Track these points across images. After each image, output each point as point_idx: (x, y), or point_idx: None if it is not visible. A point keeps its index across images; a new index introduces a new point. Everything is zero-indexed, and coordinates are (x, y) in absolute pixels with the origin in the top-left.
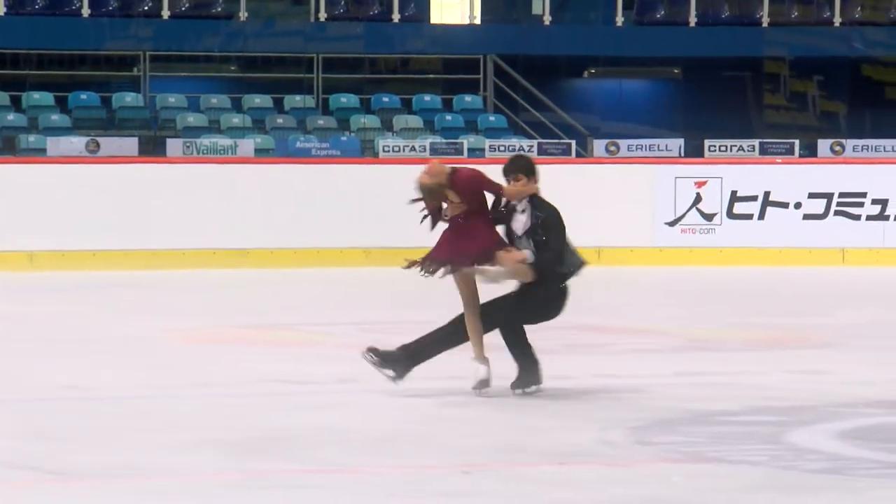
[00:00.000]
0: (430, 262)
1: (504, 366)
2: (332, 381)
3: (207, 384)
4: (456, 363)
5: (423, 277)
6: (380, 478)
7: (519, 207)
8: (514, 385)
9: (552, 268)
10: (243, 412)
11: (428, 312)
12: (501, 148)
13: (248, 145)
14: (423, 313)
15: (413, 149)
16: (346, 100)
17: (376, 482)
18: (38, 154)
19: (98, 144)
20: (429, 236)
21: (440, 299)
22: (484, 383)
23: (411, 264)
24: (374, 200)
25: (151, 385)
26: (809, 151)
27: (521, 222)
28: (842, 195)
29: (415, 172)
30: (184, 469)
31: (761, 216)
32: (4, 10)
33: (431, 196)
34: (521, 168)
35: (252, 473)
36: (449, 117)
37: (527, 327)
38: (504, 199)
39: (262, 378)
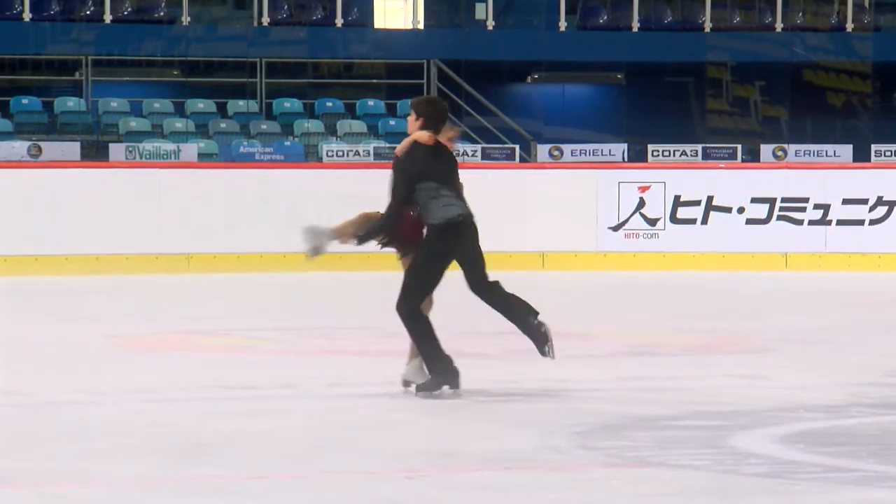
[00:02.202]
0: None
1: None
2: (271, 387)
3: (145, 390)
4: (392, 367)
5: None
6: (314, 484)
7: None
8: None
9: (385, 226)
10: (180, 418)
11: (372, 317)
12: None
13: (191, 150)
14: (368, 318)
15: (357, 153)
16: (290, 104)
17: (310, 488)
18: None
19: (40, 149)
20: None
21: (386, 304)
22: (406, 384)
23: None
24: (317, 205)
25: (87, 391)
26: (752, 156)
27: None
28: (784, 200)
29: (358, 177)
30: (120, 475)
31: (704, 221)
32: None
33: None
34: (414, 105)
35: (189, 479)
36: (393, 122)
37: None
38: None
39: (201, 384)
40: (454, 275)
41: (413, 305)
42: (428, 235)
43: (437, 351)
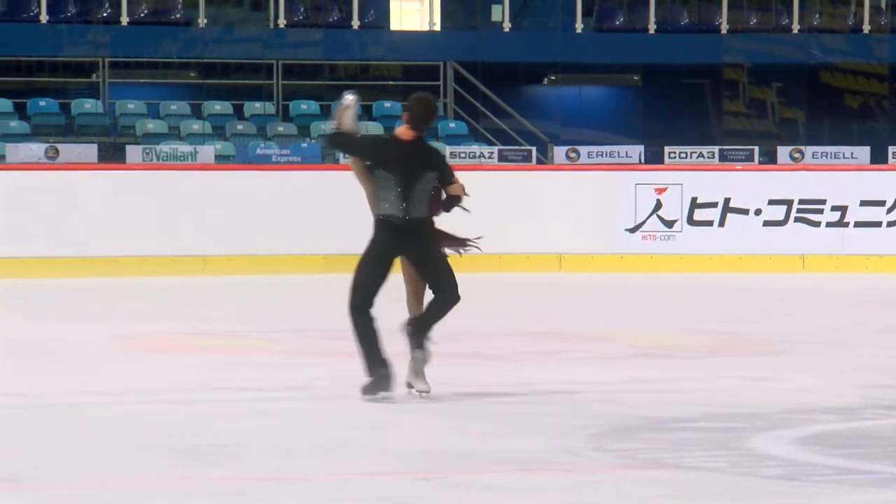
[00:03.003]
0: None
1: (440, 372)
2: (281, 389)
3: (156, 391)
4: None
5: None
6: (325, 485)
7: None
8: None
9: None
10: (191, 419)
11: (384, 320)
12: (462, 155)
13: (207, 152)
14: (380, 321)
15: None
16: (306, 106)
17: (323, 490)
18: None
19: (57, 151)
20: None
21: (399, 306)
22: (409, 385)
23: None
24: (334, 207)
25: (99, 392)
26: (769, 158)
27: None
28: (801, 202)
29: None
30: (124, 476)
31: (721, 223)
32: None
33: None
34: (407, 108)
35: (196, 481)
36: None
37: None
38: None
39: (213, 385)
40: (467, 278)
41: (354, 301)
42: (377, 226)
43: (374, 351)
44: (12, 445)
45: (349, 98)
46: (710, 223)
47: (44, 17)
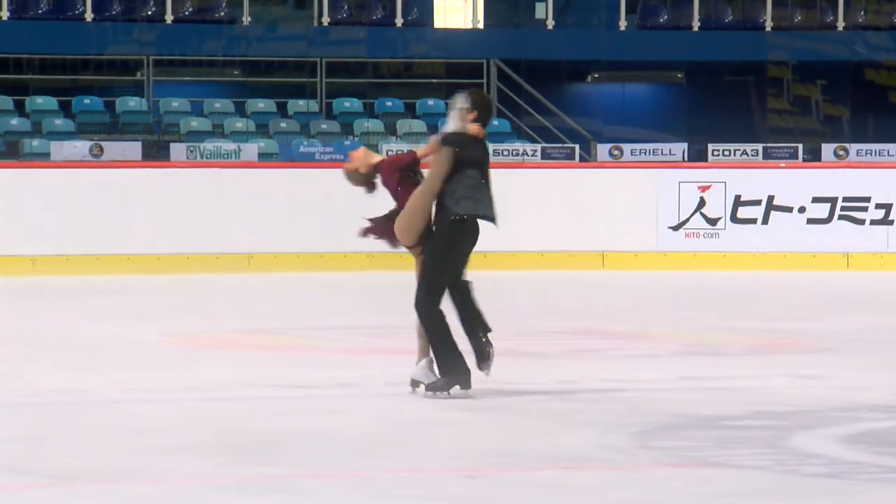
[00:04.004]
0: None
1: (497, 370)
2: (330, 386)
3: (204, 388)
4: None
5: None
6: (375, 482)
7: None
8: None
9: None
10: (240, 416)
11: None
12: (505, 152)
13: (251, 149)
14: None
15: (368, 182)
16: (350, 104)
17: (373, 487)
18: (41, 159)
19: (102, 149)
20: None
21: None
22: (415, 382)
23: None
24: (378, 205)
25: (148, 389)
26: (813, 156)
27: None
28: (846, 199)
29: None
30: (178, 473)
31: (765, 220)
32: (8, 14)
33: (358, 181)
34: (469, 95)
35: (248, 478)
36: None
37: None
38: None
39: (260, 383)
40: (513, 275)
41: (434, 302)
42: (445, 225)
43: (455, 349)
44: (63, 443)
45: (463, 99)
46: (753, 221)
47: (89, 16)
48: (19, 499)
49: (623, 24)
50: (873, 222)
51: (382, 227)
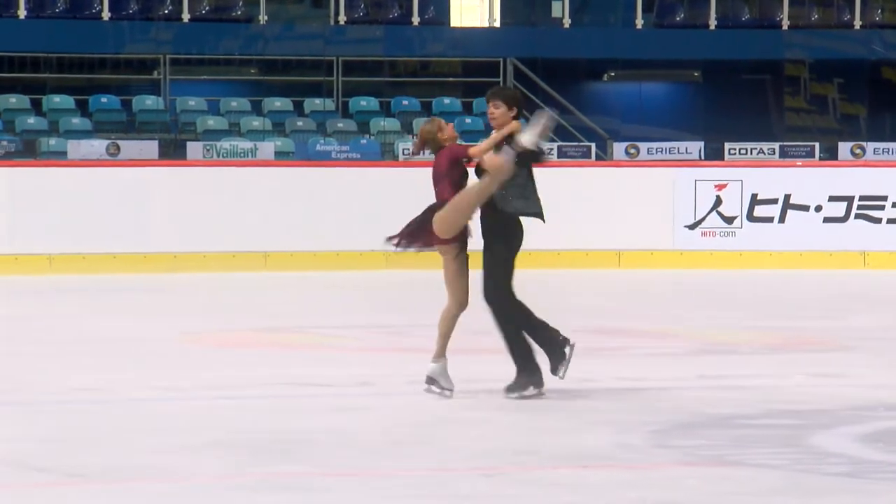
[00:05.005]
0: (401, 238)
1: (504, 368)
2: (348, 385)
3: (222, 387)
4: (471, 365)
5: (396, 252)
6: (394, 481)
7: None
8: (510, 389)
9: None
10: (258, 415)
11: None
12: None
13: (268, 148)
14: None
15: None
16: (366, 103)
17: (390, 485)
18: (58, 157)
19: (118, 147)
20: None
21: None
22: (430, 380)
23: (389, 240)
24: (393, 203)
25: (167, 387)
26: (830, 154)
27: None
28: (862, 198)
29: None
30: (197, 471)
31: (782, 219)
32: (25, 13)
33: (429, 145)
34: (504, 96)
35: (266, 476)
36: (469, 120)
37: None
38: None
39: (278, 381)
40: (529, 273)
41: (509, 298)
42: (505, 224)
43: (529, 348)
44: (81, 441)
45: (550, 117)
46: (770, 220)
47: (106, 15)
48: (38, 497)
49: (640, 23)
50: (890, 221)
51: (414, 234)
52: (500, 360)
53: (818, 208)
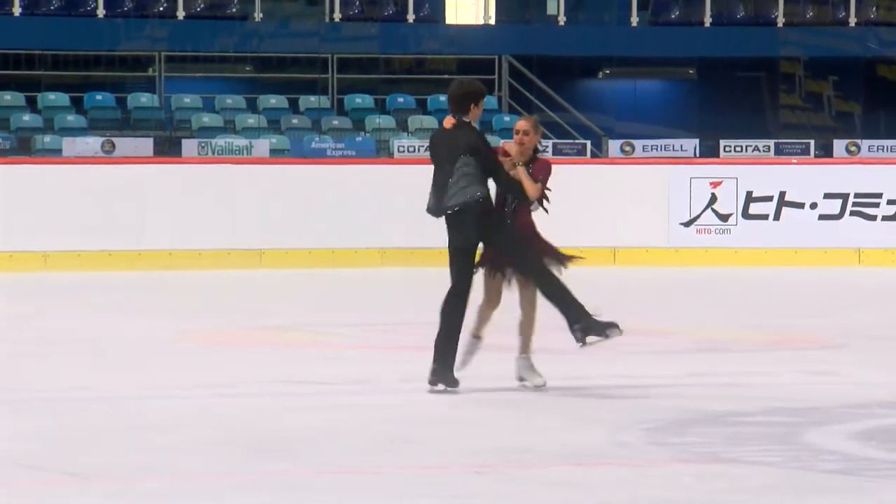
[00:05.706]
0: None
1: (498, 367)
2: (342, 382)
3: (217, 385)
4: (469, 364)
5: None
6: (390, 479)
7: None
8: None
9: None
10: (252, 413)
11: None
12: None
13: (263, 146)
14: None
15: (428, 149)
16: (361, 100)
17: (386, 483)
18: (53, 154)
19: (113, 145)
20: (442, 237)
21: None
22: (521, 378)
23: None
24: (389, 201)
25: (161, 386)
26: (825, 152)
27: None
28: (857, 196)
29: (430, 173)
30: (192, 470)
31: (777, 217)
32: (20, 10)
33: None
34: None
35: (262, 475)
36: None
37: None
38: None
39: (272, 379)
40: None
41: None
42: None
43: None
44: (78, 441)
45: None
46: (765, 217)
47: (101, 12)
48: (35, 496)
49: (635, 21)
50: (885, 218)
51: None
52: (495, 359)
53: (813, 206)
